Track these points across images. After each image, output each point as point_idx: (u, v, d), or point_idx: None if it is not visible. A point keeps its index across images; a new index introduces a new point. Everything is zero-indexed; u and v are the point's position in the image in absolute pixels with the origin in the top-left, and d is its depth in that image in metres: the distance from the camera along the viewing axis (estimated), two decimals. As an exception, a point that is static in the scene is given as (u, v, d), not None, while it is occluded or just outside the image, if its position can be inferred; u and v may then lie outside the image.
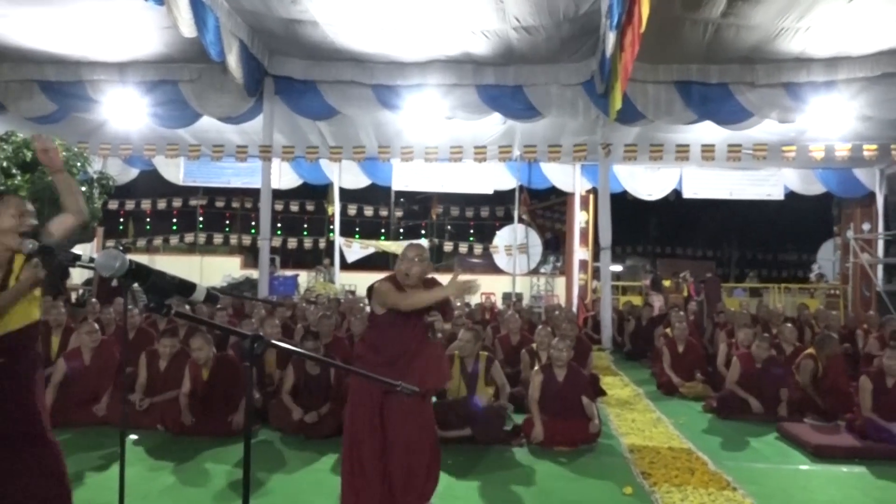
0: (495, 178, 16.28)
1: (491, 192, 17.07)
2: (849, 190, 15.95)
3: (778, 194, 16.17)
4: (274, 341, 2.08)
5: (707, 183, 16.08)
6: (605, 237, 12.37)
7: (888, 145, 12.29)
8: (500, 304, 14.08)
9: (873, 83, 11.02)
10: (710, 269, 22.08)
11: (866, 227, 16.07)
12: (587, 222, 17.04)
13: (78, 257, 3.18)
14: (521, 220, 17.22)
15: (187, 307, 7.52)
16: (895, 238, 14.50)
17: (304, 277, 17.44)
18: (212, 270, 17.40)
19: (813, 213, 20.84)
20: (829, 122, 12.06)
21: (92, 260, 3.41)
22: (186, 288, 1.99)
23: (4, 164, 10.12)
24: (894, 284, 14.02)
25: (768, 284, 19.02)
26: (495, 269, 18.64)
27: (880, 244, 15.57)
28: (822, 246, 19.57)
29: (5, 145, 10.32)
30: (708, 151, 12.84)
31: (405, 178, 16.29)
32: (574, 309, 14.41)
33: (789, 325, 8.51)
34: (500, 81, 11.92)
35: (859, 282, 16.03)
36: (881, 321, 9.65)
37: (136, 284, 2.01)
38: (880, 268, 15.12)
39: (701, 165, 14.78)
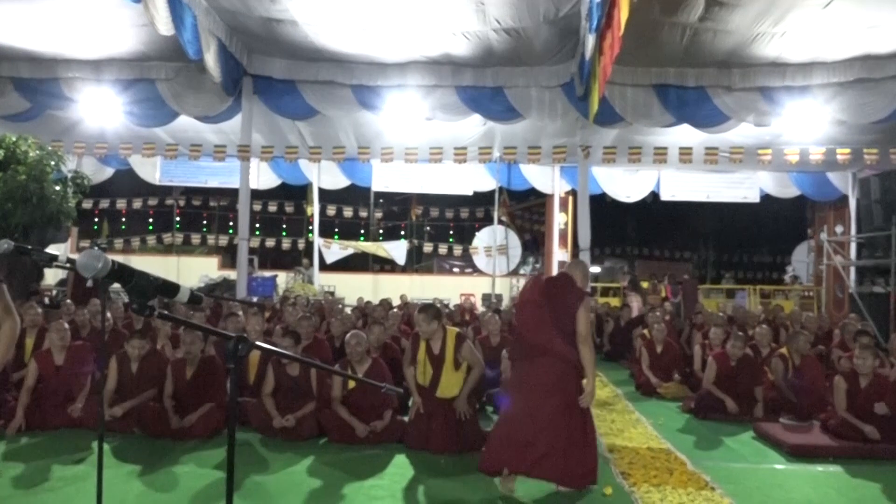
0: (475, 179, 16.32)
1: (471, 193, 17.12)
2: (822, 193, 16.22)
3: (753, 197, 16.42)
4: (258, 343, 2.06)
5: (684, 185, 16.27)
6: (585, 238, 12.46)
7: (861, 149, 12.51)
8: (479, 305, 14.09)
9: (847, 88, 11.22)
10: (686, 271, 22.34)
11: (839, 229, 16.36)
12: (566, 224, 17.14)
13: (55, 257, 3.14)
14: (500, 222, 17.27)
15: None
16: (868, 241, 14.76)
17: (282, 278, 17.31)
18: (189, 271, 17.21)
19: (787, 216, 21.18)
20: (804, 126, 12.25)
21: (70, 260, 3.36)
22: (170, 289, 1.97)
23: (-25, 162, 9.94)
24: (866, 286, 14.28)
25: (744, 286, 19.26)
26: (475, 271, 18.68)
27: (853, 246, 15.84)
28: (797, 248, 19.88)
29: (-23, 144, 10.14)
30: (685, 154, 12.98)
31: (385, 178, 16.27)
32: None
33: (764, 326, 8.62)
34: (480, 83, 11.95)
35: (833, 284, 16.30)
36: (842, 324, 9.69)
37: (114, 285, 1.97)
38: (853, 270, 15.38)
39: (678, 168, 14.95)
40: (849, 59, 10.90)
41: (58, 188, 10.42)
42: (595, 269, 12.92)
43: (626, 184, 16.43)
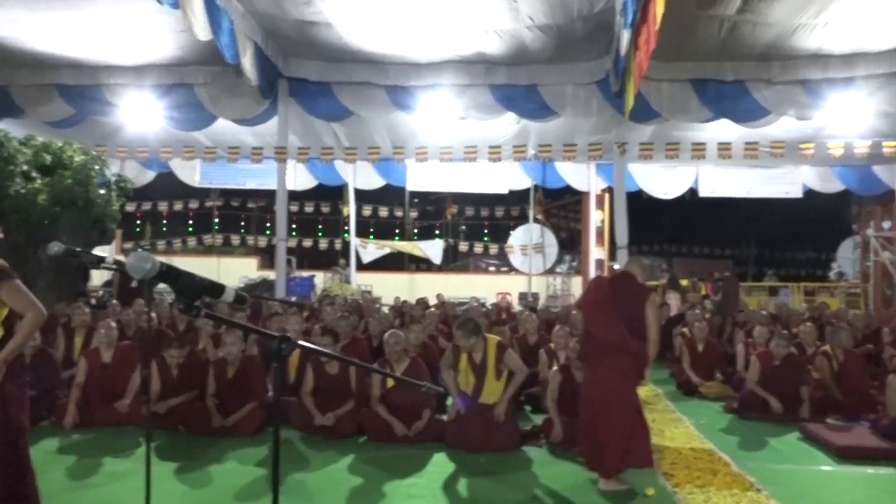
0: (510, 177, 16.25)
1: (506, 191, 17.03)
2: (868, 187, 15.74)
3: (796, 192, 16.02)
4: (300, 342, 2.08)
5: (723, 181, 15.96)
6: (622, 236, 12.32)
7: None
8: (516, 304, 14.03)
9: (892, 79, 10.88)
10: (727, 268, 21.89)
11: (887, 224, 15.86)
12: (603, 221, 16.96)
13: (102, 259, 3.23)
14: (536, 220, 17.17)
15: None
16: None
17: (320, 278, 17.48)
18: (228, 272, 17.47)
19: (831, 211, 20.61)
20: (848, 119, 11.91)
21: (116, 262, 3.45)
22: (216, 289, 2.00)
23: (24, 167, 10.19)
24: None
25: (787, 283, 18.83)
26: (511, 269, 18.60)
27: (902, 242, 15.36)
28: (842, 244, 19.36)
29: (25, 149, 10.39)
30: (725, 149, 12.74)
31: (420, 178, 16.30)
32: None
33: (809, 324, 8.40)
34: (514, 81, 11.89)
35: (880, 280, 15.83)
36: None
37: (158, 285, 2.02)
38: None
39: (717, 164, 14.67)
40: (894, 50, 10.56)
41: (102, 192, 10.66)
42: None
43: (663, 180, 16.19)
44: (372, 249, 18.25)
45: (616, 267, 13.19)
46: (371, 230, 21.58)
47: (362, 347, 7.10)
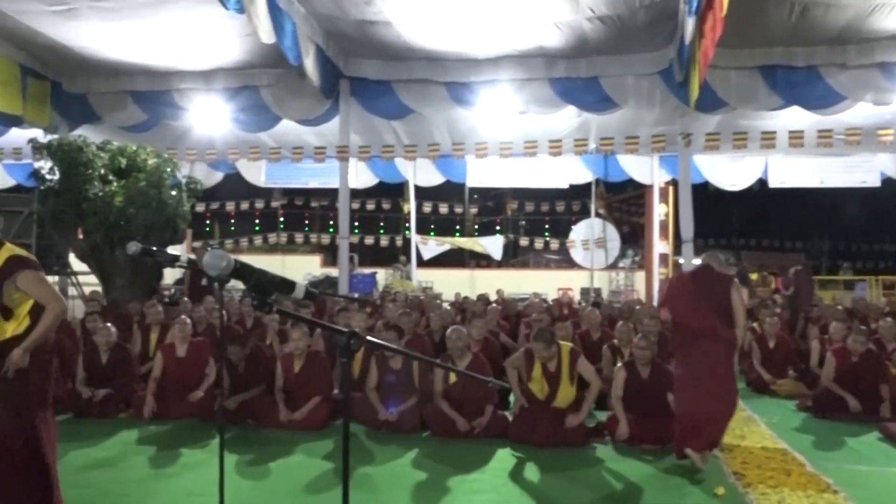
0: (571, 171, 16.05)
1: (566, 186, 16.85)
2: (953, 174, 14.90)
3: (873, 181, 15.27)
4: (368, 337, 2.12)
5: (795, 171, 15.35)
6: (687, 230, 12.01)
7: None
8: (577, 299, 13.88)
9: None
10: (799, 262, 21.09)
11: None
12: (667, 215, 16.58)
13: (177, 258, 3.35)
14: (597, 214, 16.92)
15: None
16: None
17: (381, 275, 17.70)
18: (293, 269, 17.89)
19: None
20: (929, 103, 11.29)
21: (191, 261, 3.59)
22: (287, 286, 2.06)
23: (102, 170, 10.69)
24: None
25: (864, 277, 17.99)
26: (572, 265, 18.40)
27: None
28: (923, 235, 18.38)
29: (102, 153, 10.90)
30: (796, 138, 12.26)
31: (479, 174, 16.27)
32: (655, 304, 14.05)
33: (889, 319, 8.01)
34: (574, 74, 11.74)
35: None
36: None
37: (233, 283, 2.09)
38: None
39: (788, 153, 14.13)
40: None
41: (174, 193, 11.07)
42: (698, 262, 12.43)
43: (730, 171, 15.69)
44: (432, 246, 18.37)
45: (681, 261, 12.88)
46: (432, 227, 21.72)
47: (425, 343, 7.16)
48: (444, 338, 6.15)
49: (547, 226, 23.52)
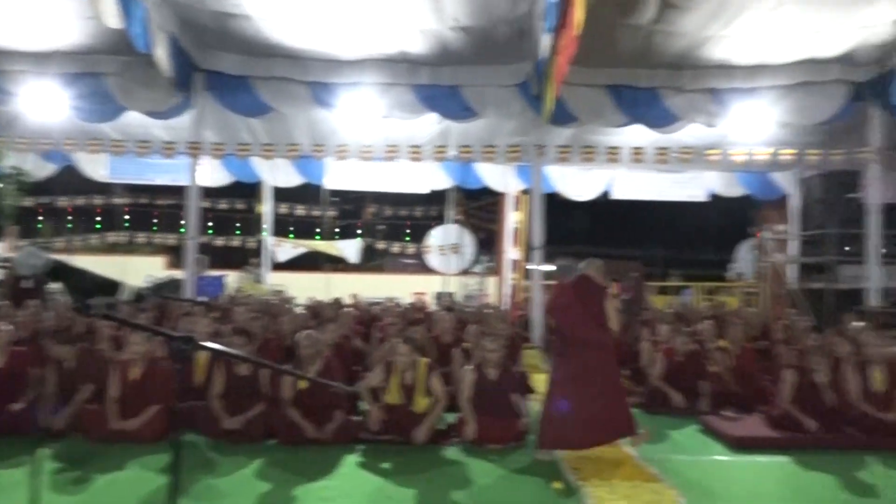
0: (430, 177, 16.28)
1: (427, 191, 17.07)
2: (767, 192, 16.69)
3: (701, 196, 16.80)
4: (204, 343, 2.03)
5: (636, 185, 16.54)
6: (538, 237, 12.57)
7: (804, 151, 12.92)
8: (432, 304, 14.11)
9: (792, 91, 11.55)
10: (636, 269, 22.71)
11: (782, 227, 16.87)
12: (519, 222, 17.25)
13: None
14: (455, 221, 17.30)
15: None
16: (809, 238, 15.27)
17: (231, 278, 16.98)
18: (134, 271, 16.69)
19: (733, 215, 21.71)
20: (751, 127, 12.57)
21: (5, 260, 3.26)
22: (111, 287, 1.93)
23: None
24: (805, 282, 14.81)
25: (690, 283, 19.71)
26: (428, 269, 18.66)
27: (793, 244, 16.36)
28: (741, 246, 20.41)
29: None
30: (637, 154, 13.20)
31: (339, 176, 16.10)
32: (505, 308, 14.57)
33: (708, 321, 8.81)
34: (437, 81, 11.92)
35: (773, 280, 16.79)
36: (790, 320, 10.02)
37: (54, 285, 1.92)
38: (794, 266, 15.89)
39: (630, 167, 15.18)
40: (794, 63, 11.23)
41: (-2, 185, 10.05)
42: (547, 268, 13.07)
43: (578, 183, 16.59)
44: (287, 248, 17.92)
45: (529, 267, 13.46)
46: (291, 229, 21.19)
47: (275, 348, 6.96)
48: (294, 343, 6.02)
49: (408, 230, 23.72)
